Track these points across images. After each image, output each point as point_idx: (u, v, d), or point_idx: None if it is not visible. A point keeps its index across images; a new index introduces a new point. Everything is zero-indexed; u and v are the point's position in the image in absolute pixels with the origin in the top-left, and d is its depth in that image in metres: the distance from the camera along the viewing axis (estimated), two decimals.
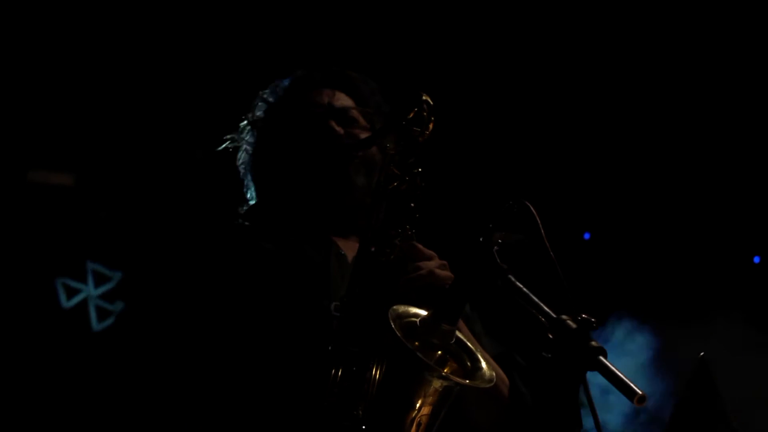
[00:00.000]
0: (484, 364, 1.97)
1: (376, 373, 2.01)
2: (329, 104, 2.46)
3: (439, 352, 1.97)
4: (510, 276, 1.79)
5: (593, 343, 1.63)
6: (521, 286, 1.77)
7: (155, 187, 5.13)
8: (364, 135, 2.41)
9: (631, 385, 1.60)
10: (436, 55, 4.78)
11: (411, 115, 2.14)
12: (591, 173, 5.33)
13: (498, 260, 1.79)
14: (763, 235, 5.43)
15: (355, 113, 2.45)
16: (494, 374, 1.97)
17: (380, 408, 1.97)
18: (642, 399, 1.58)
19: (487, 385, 1.95)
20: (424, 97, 2.16)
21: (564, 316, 1.67)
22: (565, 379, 1.65)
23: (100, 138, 5.06)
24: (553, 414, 1.66)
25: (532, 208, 1.77)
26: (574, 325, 1.65)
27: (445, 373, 1.90)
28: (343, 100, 2.48)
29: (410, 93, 2.17)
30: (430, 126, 2.16)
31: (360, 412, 1.99)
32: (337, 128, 2.41)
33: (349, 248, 2.38)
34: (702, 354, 2.52)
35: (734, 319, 4.82)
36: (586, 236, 5.69)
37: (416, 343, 1.93)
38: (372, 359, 2.02)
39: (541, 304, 1.72)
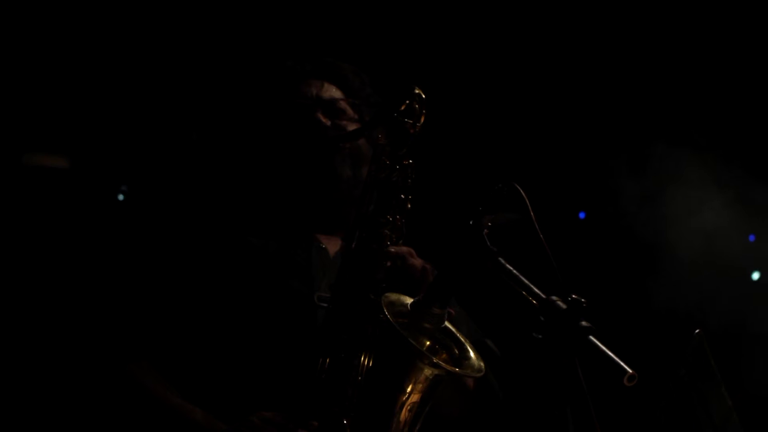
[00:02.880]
0: (472, 354, 1.99)
1: (365, 360, 2.03)
2: (317, 96, 2.46)
3: (428, 342, 1.98)
4: (500, 258, 1.80)
5: (583, 323, 1.65)
6: (511, 268, 1.78)
7: (150, 168, 5.12)
8: (351, 126, 2.42)
9: (622, 364, 1.61)
10: (427, 39, 4.78)
11: (403, 107, 2.16)
12: (585, 153, 5.33)
13: (488, 243, 1.80)
14: None
15: (343, 104, 2.46)
16: (482, 364, 1.99)
17: (371, 394, 1.98)
18: (632, 378, 1.60)
19: (477, 375, 1.97)
20: (416, 90, 2.17)
21: (554, 297, 1.68)
22: (557, 359, 1.67)
23: (95, 121, 5.05)
24: (552, 393, 1.68)
25: (521, 190, 1.78)
26: (563, 306, 1.66)
27: (437, 360, 1.91)
28: (331, 91, 2.49)
29: (402, 85, 2.18)
30: (422, 118, 2.18)
31: (349, 398, 2.00)
32: (324, 120, 2.42)
33: (331, 244, 2.41)
34: (697, 331, 2.52)
35: None
36: (581, 215, 5.70)
37: (407, 329, 1.95)
38: (361, 346, 2.04)
39: (532, 286, 1.73)
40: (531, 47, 4.97)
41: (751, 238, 5.55)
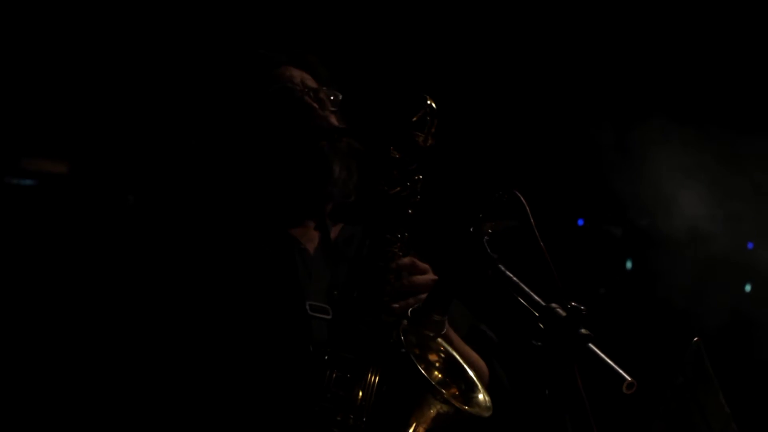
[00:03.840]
0: (481, 392, 1.96)
1: (372, 382, 1.96)
2: (302, 82, 2.35)
3: (440, 375, 1.95)
4: (500, 265, 1.80)
5: (582, 330, 1.65)
6: (511, 275, 1.78)
7: (149, 174, 5.12)
8: (332, 118, 2.32)
9: (621, 372, 1.61)
10: (425, 46, 4.77)
11: (415, 118, 2.07)
12: (584, 160, 5.33)
13: (488, 250, 1.80)
14: None
15: (323, 95, 2.35)
16: (489, 400, 1.95)
17: (375, 421, 1.93)
18: (631, 385, 1.60)
19: (486, 414, 1.93)
20: (428, 101, 2.09)
21: (553, 305, 1.68)
22: (556, 367, 1.67)
23: (94, 125, 5.05)
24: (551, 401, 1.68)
25: (521, 197, 1.78)
26: (563, 313, 1.66)
27: (448, 397, 1.88)
28: (310, 81, 2.38)
29: (415, 95, 2.09)
30: (433, 131, 2.09)
31: (351, 420, 1.94)
32: (315, 105, 2.30)
33: (309, 240, 2.31)
34: (696, 338, 2.53)
35: None
36: (580, 222, 5.71)
37: (421, 361, 1.91)
38: (368, 367, 1.97)
39: (531, 293, 1.74)
40: (529, 55, 4.97)
41: (750, 245, 5.54)
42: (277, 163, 2.29)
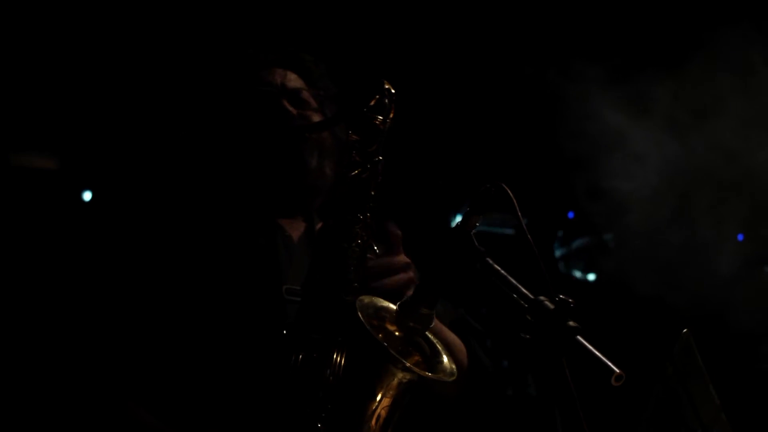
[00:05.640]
0: (445, 357, 1.99)
1: (338, 360, 2.01)
2: (282, 84, 2.44)
3: (402, 345, 1.97)
4: (488, 258, 1.81)
5: (571, 322, 1.66)
6: (499, 268, 1.79)
7: (139, 169, 5.12)
8: (315, 117, 2.42)
9: (609, 364, 1.62)
10: (401, 36, 4.76)
11: (372, 102, 2.13)
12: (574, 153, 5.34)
13: (476, 243, 1.82)
14: None
15: (306, 95, 2.45)
16: (455, 367, 1.99)
17: (342, 397, 1.97)
18: (620, 377, 1.60)
19: (449, 379, 1.95)
20: (386, 85, 2.15)
21: (542, 297, 1.69)
22: (545, 359, 1.68)
23: (84, 120, 5.05)
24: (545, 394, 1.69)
25: (509, 191, 1.79)
26: (551, 306, 1.67)
27: (409, 365, 1.91)
28: (294, 81, 2.47)
29: (371, 80, 2.15)
30: (391, 114, 2.15)
31: (321, 399, 1.98)
32: (290, 108, 2.40)
33: (294, 229, 2.39)
34: (685, 330, 2.54)
35: None
36: (570, 215, 5.72)
37: (380, 332, 1.94)
38: (334, 346, 2.02)
39: (519, 286, 1.74)
40: (513, 43, 4.96)
41: (740, 237, 5.55)
42: (254, 161, 2.39)
